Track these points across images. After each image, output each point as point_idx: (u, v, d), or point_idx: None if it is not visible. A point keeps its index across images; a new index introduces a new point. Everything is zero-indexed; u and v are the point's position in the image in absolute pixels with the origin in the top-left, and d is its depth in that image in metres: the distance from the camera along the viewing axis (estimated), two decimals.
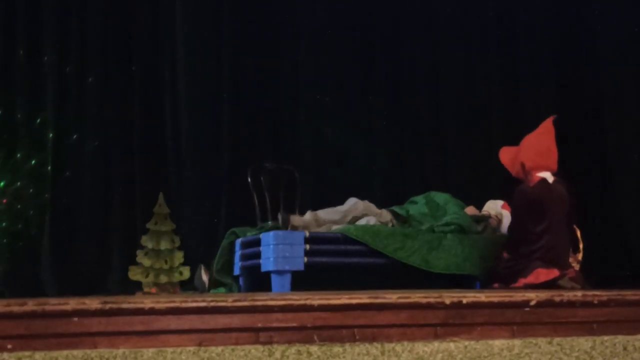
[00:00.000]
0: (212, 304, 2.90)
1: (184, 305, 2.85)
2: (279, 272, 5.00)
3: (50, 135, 6.04)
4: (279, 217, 5.30)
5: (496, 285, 4.93)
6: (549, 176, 5.02)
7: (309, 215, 5.28)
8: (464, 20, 6.94)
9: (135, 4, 6.35)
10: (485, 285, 5.08)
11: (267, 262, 5.05)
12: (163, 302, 2.84)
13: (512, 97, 6.88)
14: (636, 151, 6.38)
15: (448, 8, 6.89)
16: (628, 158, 6.40)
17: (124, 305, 2.79)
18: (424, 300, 3.11)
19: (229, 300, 2.94)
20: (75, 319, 2.68)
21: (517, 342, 3.07)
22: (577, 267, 4.98)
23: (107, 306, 2.76)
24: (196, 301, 2.90)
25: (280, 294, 3.72)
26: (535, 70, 6.92)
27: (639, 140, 6.43)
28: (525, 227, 4.90)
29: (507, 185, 5.25)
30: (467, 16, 6.95)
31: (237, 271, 5.53)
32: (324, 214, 5.32)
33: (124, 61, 6.27)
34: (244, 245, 5.45)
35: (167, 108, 6.34)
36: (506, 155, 5.17)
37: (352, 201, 5.43)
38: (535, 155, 5.02)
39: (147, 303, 2.80)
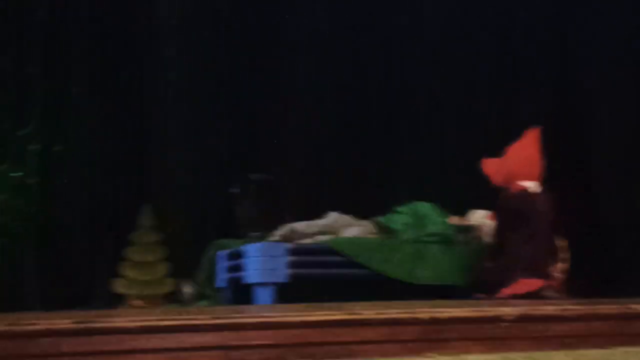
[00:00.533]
0: (187, 322, 2.89)
1: (157, 323, 2.84)
2: (262, 285, 4.99)
3: (34, 147, 6.01)
4: (264, 228, 5.31)
5: (480, 295, 4.92)
6: (532, 186, 5.03)
7: (288, 229, 5.28)
8: (444, 29, 6.93)
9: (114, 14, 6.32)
10: (469, 295, 5.07)
11: (250, 275, 5.04)
12: (136, 320, 2.83)
13: (497, 107, 6.87)
14: (621, 160, 6.39)
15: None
16: (612, 167, 6.41)
17: (97, 325, 2.78)
18: (401, 316, 3.11)
19: (203, 318, 2.94)
20: (47, 339, 2.67)
21: (493, 356, 3.06)
22: (560, 277, 4.97)
23: (80, 325, 2.74)
24: (170, 319, 2.89)
25: (255, 311, 3.71)
26: (520, 81, 6.92)
27: (623, 149, 6.43)
28: (508, 236, 4.91)
29: (491, 196, 5.24)
30: (449, 27, 6.94)
31: (220, 283, 5.52)
32: (304, 227, 5.32)
33: (108, 74, 6.25)
34: (228, 257, 5.44)
35: (152, 120, 6.32)
36: (489, 165, 5.18)
37: (332, 215, 5.44)
38: (519, 165, 5.04)
39: (120, 322, 2.79)
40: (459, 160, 6.45)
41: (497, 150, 5.29)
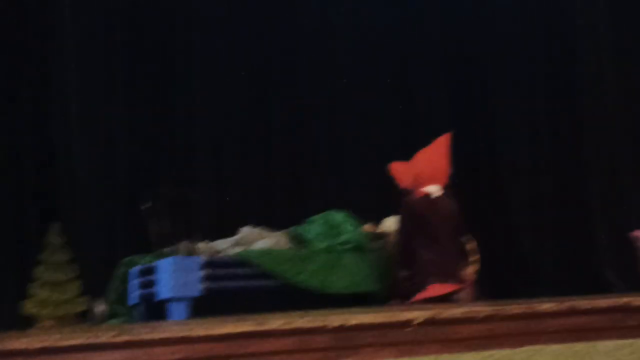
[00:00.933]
0: (89, 340, 2.81)
1: (58, 344, 2.75)
2: (176, 300, 4.92)
3: None
4: (177, 243, 5.24)
5: (395, 301, 4.96)
6: (435, 190, 5.09)
7: (203, 245, 5.24)
8: (354, 33, 6.99)
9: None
10: (385, 302, 5.10)
11: (164, 290, 4.96)
12: (36, 341, 2.73)
13: (408, 113, 6.96)
14: (528, 160, 6.55)
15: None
16: (518, 166, 6.57)
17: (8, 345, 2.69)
18: (309, 325, 3.09)
19: (107, 335, 2.86)
20: None
21: None
22: (470, 279, 5.05)
23: None
24: (73, 339, 2.81)
25: (161, 326, 3.65)
26: (430, 85, 7.02)
27: (530, 149, 6.59)
28: (412, 241, 4.96)
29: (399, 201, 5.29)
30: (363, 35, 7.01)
31: (132, 301, 5.42)
32: (219, 243, 5.30)
33: (9, 87, 6.08)
34: (141, 274, 5.35)
35: (58, 135, 6.18)
36: (397, 169, 5.24)
37: (245, 230, 5.42)
38: (426, 170, 5.11)
39: (18, 344, 2.69)
40: (371, 168, 6.50)
41: (408, 156, 5.36)
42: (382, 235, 5.52)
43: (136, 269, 5.40)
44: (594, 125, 6.32)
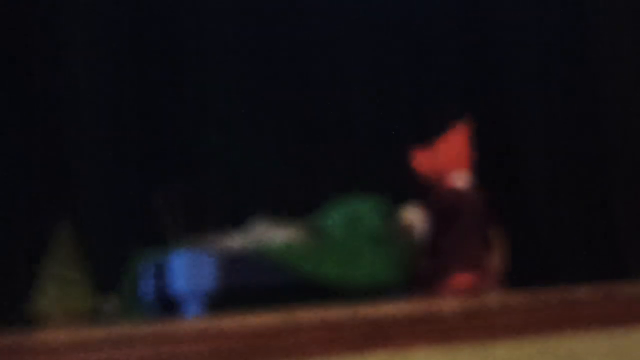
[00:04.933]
0: (114, 334, 2.74)
1: (84, 338, 2.68)
2: (191, 294, 4.86)
3: None
4: (189, 237, 5.18)
5: (417, 292, 4.89)
6: (462, 180, 5.03)
7: (215, 239, 5.17)
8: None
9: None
10: (406, 293, 5.03)
11: (178, 285, 4.91)
12: (61, 336, 2.66)
13: (425, 99, 6.88)
14: (547, 151, 6.50)
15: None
16: (543, 157, 6.52)
17: (20, 342, 2.60)
18: (340, 317, 3.02)
19: (133, 329, 2.79)
20: None
21: (436, 352, 3.00)
22: (495, 269, 4.98)
23: (3, 343, 2.56)
24: (97, 333, 2.74)
25: (188, 321, 3.58)
26: (445, 72, 6.94)
27: (549, 140, 6.54)
28: (440, 233, 4.89)
29: (422, 191, 5.21)
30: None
31: (145, 296, 5.35)
32: (231, 237, 5.23)
33: (18, 83, 6.01)
34: (154, 269, 5.28)
35: (66, 130, 6.10)
36: (419, 158, 5.16)
37: (258, 221, 5.35)
38: (449, 158, 5.04)
39: (44, 338, 2.62)
40: (387, 153, 6.42)
41: (426, 142, 5.26)
42: (403, 226, 5.43)
43: (149, 264, 5.33)
44: (615, 106, 6.26)
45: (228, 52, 6.63)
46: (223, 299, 4.86)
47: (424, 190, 5.10)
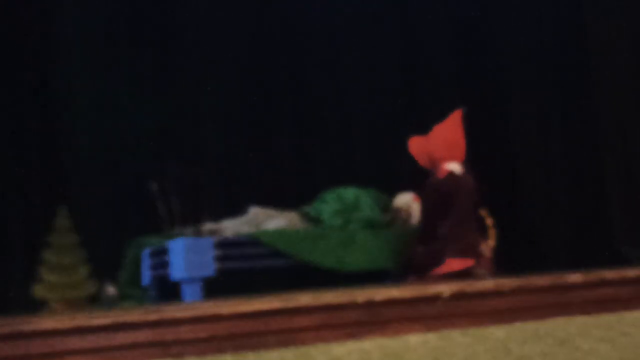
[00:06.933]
0: (117, 319, 2.78)
1: (87, 323, 2.72)
2: (190, 280, 4.89)
3: None
4: (186, 223, 5.20)
5: (411, 277, 4.94)
6: (457, 167, 5.07)
7: (212, 225, 5.20)
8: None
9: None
10: (400, 278, 5.08)
11: (177, 270, 4.93)
12: (65, 321, 2.70)
13: (417, 87, 6.92)
14: (541, 139, 6.53)
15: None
16: (533, 145, 6.55)
17: (23, 327, 2.65)
18: (337, 301, 3.07)
19: (135, 314, 2.84)
20: None
21: (431, 335, 3.06)
22: (488, 254, 5.03)
23: (5, 330, 2.61)
24: (100, 318, 2.78)
25: (188, 305, 3.62)
26: (439, 60, 6.98)
27: (543, 128, 6.57)
28: (436, 219, 4.93)
29: (417, 177, 5.25)
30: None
31: (144, 282, 5.39)
32: (228, 223, 5.25)
33: (17, 70, 6.02)
34: (152, 254, 5.31)
35: (62, 117, 6.12)
36: (415, 145, 5.20)
37: (253, 210, 5.38)
38: (444, 146, 5.08)
39: (48, 323, 2.66)
40: (380, 142, 6.46)
41: (419, 130, 5.31)
42: (397, 211, 5.48)
43: (148, 250, 5.36)
44: (610, 99, 6.29)
45: (225, 40, 6.66)
46: (222, 284, 4.90)
47: (419, 177, 5.14)
